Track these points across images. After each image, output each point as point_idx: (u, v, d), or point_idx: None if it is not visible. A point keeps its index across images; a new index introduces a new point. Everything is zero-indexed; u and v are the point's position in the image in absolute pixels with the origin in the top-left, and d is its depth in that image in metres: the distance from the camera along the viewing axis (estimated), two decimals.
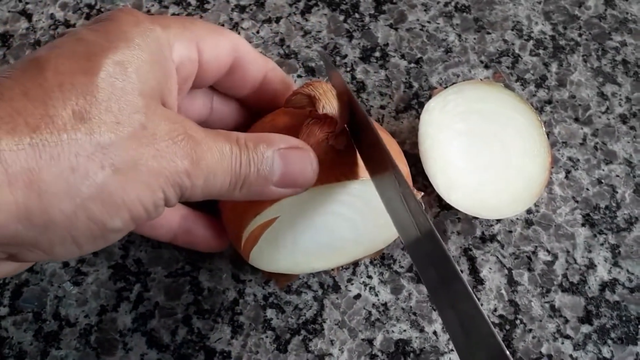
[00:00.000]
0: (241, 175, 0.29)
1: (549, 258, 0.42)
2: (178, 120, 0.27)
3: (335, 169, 0.33)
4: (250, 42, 0.49)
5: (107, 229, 0.26)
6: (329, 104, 0.32)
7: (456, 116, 0.43)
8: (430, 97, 0.45)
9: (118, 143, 0.25)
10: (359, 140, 0.34)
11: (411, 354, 0.39)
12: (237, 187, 0.30)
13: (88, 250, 0.27)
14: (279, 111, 0.37)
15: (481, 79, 0.48)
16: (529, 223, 0.43)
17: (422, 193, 0.39)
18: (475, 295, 0.41)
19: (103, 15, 0.29)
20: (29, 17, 0.49)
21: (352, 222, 0.36)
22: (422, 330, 0.40)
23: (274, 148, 0.30)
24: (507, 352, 0.24)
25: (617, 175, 0.45)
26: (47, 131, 0.23)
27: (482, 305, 0.41)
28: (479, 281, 0.41)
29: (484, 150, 0.43)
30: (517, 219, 0.43)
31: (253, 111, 0.39)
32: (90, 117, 0.24)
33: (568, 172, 0.45)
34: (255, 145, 0.30)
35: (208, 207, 0.39)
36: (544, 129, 0.43)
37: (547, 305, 0.41)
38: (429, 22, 0.50)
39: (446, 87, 0.45)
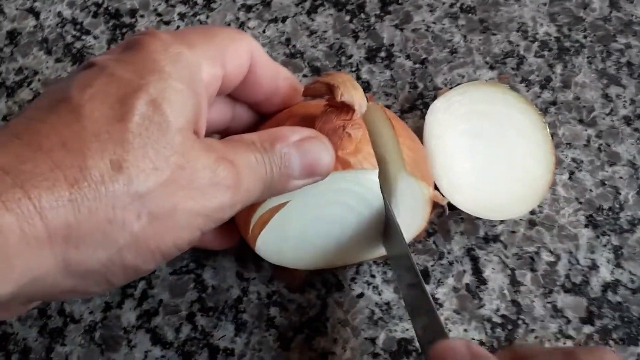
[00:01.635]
0: (268, 180, 0.30)
1: (551, 259, 0.42)
2: (211, 148, 0.27)
3: (350, 157, 0.33)
4: None
5: (139, 271, 0.26)
6: (347, 92, 0.32)
7: (461, 117, 0.43)
8: (435, 97, 0.45)
9: (156, 190, 0.25)
10: None
11: (413, 353, 0.40)
12: (265, 190, 0.30)
13: (120, 285, 0.27)
14: (294, 106, 0.37)
15: (486, 80, 0.48)
16: (532, 224, 0.43)
17: (447, 200, 0.39)
18: (478, 295, 0.41)
19: (129, 42, 0.28)
20: (36, 14, 0.50)
21: (360, 217, 0.36)
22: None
23: (289, 142, 0.30)
24: None
25: (621, 177, 0.45)
26: (85, 184, 0.24)
27: (484, 305, 0.41)
28: (481, 281, 0.42)
29: (488, 151, 0.43)
30: (521, 219, 0.43)
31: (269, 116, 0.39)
32: (128, 166, 0.24)
33: (572, 173, 0.45)
34: (272, 145, 0.30)
35: None
36: (548, 130, 0.43)
37: (549, 306, 0.41)
38: (434, 22, 0.50)
39: (451, 87, 0.45)
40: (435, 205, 0.38)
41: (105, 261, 0.25)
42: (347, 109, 0.33)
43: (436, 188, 0.40)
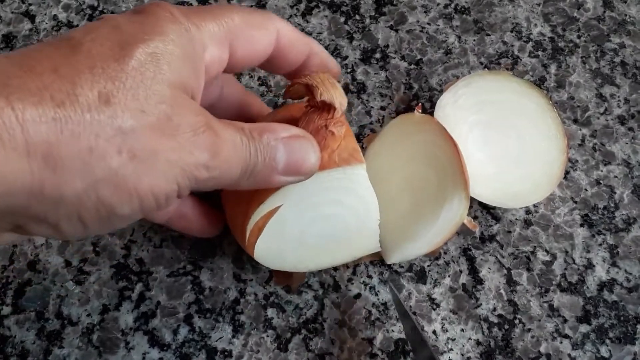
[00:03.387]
0: (250, 165, 0.30)
1: (547, 258, 0.42)
2: (201, 113, 0.28)
3: (335, 155, 0.34)
4: None
5: (114, 214, 0.26)
6: (327, 92, 0.33)
7: (469, 109, 0.43)
8: (441, 92, 0.45)
9: (140, 131, 0.25)
10: None
11: (411, 353, 0.40)
12: (246, 176, 0.30)
13: (94, 232, 0.27)
14: (278, 110, 0.38)
15: (488, 69, 0.48)
16: (527, 223, 0.43)
17: (477, 227, 0.40)
18: (475, 295, 0.41)
19: (140, 8, 0.29)
20: (32, 18, 0.50)
21: (354, 211, 0.36)
22: (421, 330, 0.40)
23: (277, 137, 0.31)
24: None
25: (616, 176, 0.45)
26: (72, 109, 0.24)
27: (481, 305, 0.41)
28: (478, 281, 0.42)
29: (500, 139, 0.43)
30: (516, 219, 0.43)
31: (257, 103, 0.40)
32: (116, 102, 0.25)
33: (567, 172, 0.45)
34: (260, 135, 0.30)
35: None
36: (556, 111, 0.43)
37: (545, 305, 0.41)
38: (429, 23, 0.50)
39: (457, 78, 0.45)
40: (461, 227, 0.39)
41: (81, 192, 0.25)
42: (327, 107, 0.33)
43: None
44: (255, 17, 0.33)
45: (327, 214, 0.36)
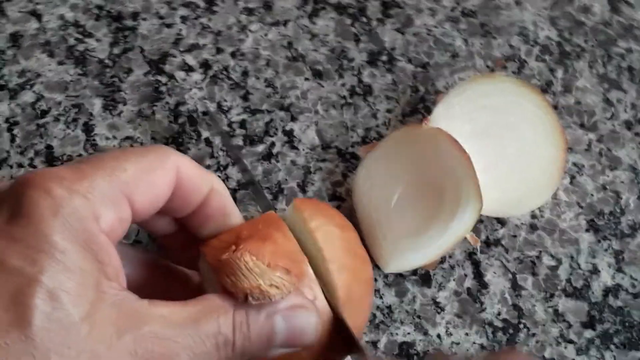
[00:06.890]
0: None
1: (553, 263, 0.42)
2: (132, 326, 0.24)
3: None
4: (258, 46, 0.49)
5: None
6: (238, 281, 0.28)
7: (463, 119, 0.43)
8: (435, 103, 0.44)
9: None
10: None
11: (415, 357, 0.40)
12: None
13: None
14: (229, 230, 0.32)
15: (480, 74, 0.48)
16: (533, 228, 0.43)
17: (479, 241, 0.41)
18: (479, 299, 0.41)
19: (17, 197, 0.24)
20: (39, 17, 0.50)
21: None
22: (425, 333, 0.40)
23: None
24: None
25: (622, 182, 0.45)
26: None
27: (485, 309, 0.41)
28: (483, 285, 0.42)
29: (497, 145, 0.43)
30: (522, 223, 0.43)
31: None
32: None
33: (573, 177, 0.45)
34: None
35: None
36: (552, 108, 0.43)
37: (550, 310, 0.41)
38: (435, 26, 0.50)
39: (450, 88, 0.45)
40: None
41: None
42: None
43: None
44: (151, 158, 0.28)
45: None
